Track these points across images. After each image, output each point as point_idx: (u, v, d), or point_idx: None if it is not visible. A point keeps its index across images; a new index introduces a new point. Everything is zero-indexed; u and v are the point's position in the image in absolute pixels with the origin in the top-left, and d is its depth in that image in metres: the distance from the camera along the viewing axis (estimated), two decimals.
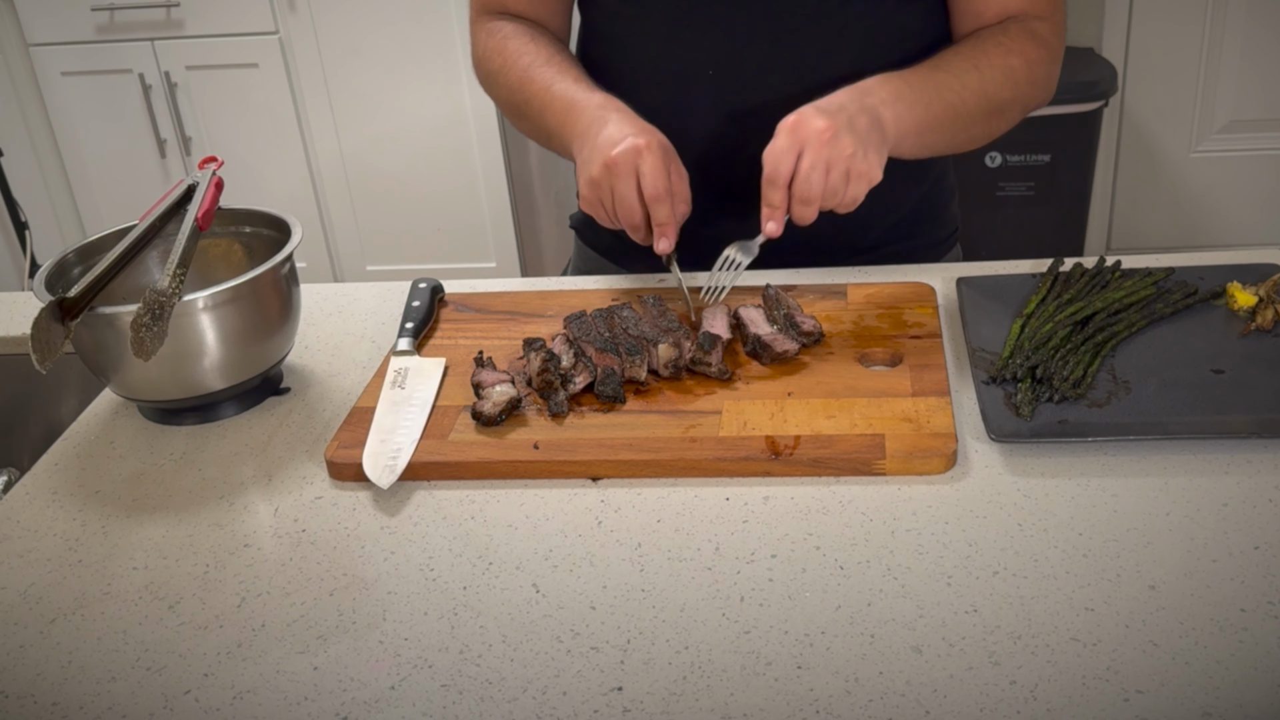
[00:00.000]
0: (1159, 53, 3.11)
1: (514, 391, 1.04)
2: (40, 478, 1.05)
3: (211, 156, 1.18)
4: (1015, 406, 0.99)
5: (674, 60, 1.27)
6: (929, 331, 1.11)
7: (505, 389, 1.04)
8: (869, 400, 1.01)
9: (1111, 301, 1.11)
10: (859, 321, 1.14)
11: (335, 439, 1.03)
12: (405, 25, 3.01)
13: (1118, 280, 1.16)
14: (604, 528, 0.91)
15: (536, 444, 0.99)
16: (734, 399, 1.03)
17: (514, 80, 1.28)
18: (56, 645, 0.84)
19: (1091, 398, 1.00)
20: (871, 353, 1.08)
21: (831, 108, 1.09)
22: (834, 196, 1.09)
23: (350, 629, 0.83)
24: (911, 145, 1.17)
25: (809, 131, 1.07)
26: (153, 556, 0.93)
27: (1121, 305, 1.11)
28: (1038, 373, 1.02)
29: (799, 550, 0.87)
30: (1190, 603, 0.79)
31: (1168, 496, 0.89)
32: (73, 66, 3.18)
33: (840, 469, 0.94)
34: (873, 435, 0.96)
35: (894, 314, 1.14)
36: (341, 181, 3.25)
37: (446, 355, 1.14)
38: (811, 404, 1.01)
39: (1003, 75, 1.21)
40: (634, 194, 1.12)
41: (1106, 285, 1.15)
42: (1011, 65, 1.21)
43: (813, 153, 1.07)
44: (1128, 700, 0.72)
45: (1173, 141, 3.21)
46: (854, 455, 0.94)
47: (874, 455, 0.94)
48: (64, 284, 1.10)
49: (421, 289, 1.24)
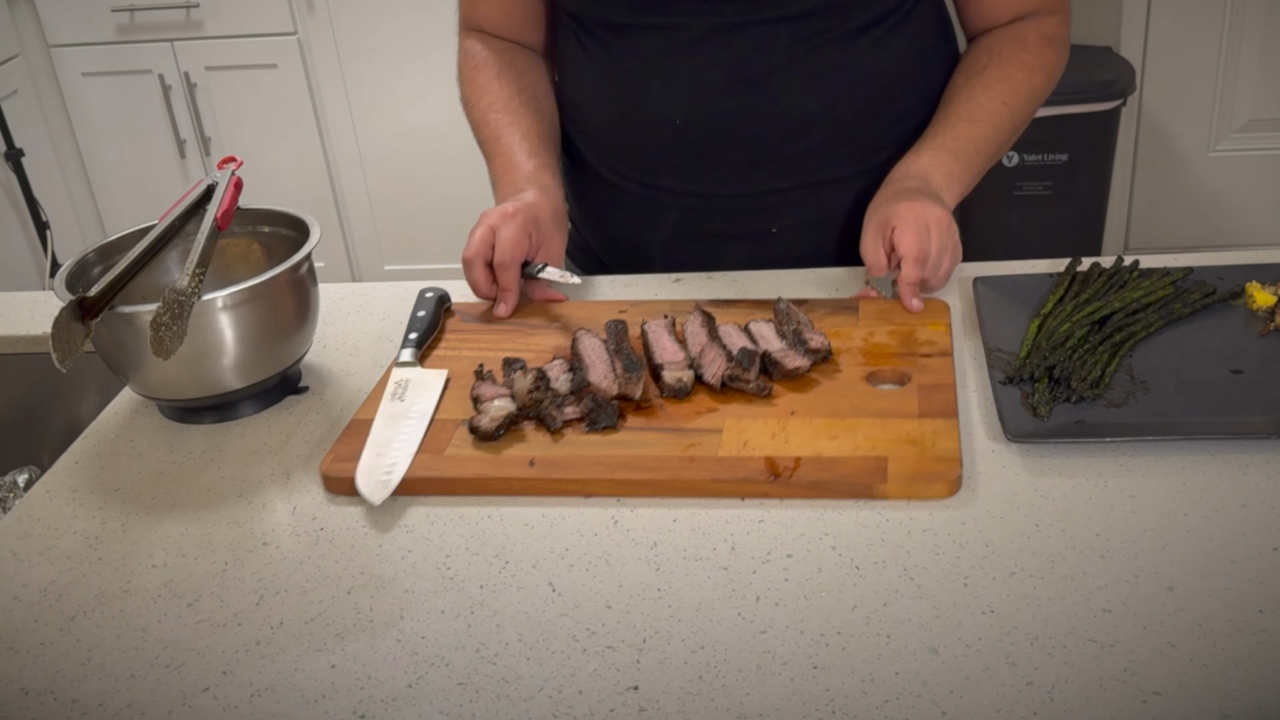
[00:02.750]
0: (1177, 51, 3.09)
1: (512, 406, 1.02)
2: (60, 476, 1.05)
3: (230, 156, 1.19)
4: (1033, 407, 0.98)
5: (642, 108, 1.28)
6: (940, 350, 1.08)
7: (504, 404, 1.02)
8: (874, 421, 0.98)
9: (1130, 301, 1.11)
10: (869, 339, 1.11)
11: (331, 452, 1.01)
12: (422, 25, 3.02)
13: (1135, 280, 1.15)
14: (620, 527, 0.91)
15: (532, 461, 0.97)
16: (735, 417, 1.01)
17: (475, 117, 1.36)
18: (76, 642, 0.85)
19: (1109, 398, 1.00)
20: (880, 371, 1.06)
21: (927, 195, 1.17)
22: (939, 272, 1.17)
23: (368, 627, 0.84)
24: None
25: (933, 218, 1.15)
26: (172, 554, 0.93)
27: (1139, 305, 1.11)
28: (1055, 373, 1.01)
29: (815, 550, 0.87)
30: (1208, 604, 0.79)
31: (1186, 497, 0.89)
32: (93, 67, 3.20)
33: (840, 492, 0.92)
34: (875, 458, 0.94)
35: (905, 331, 1.12)
36: (359, 181, 3.26)
37: (449, 367, 1.13)
38: (815, 424, 0.99)
39: (1028, 102, 1.26)
40: (483, 243, 1.20)
41: (1124, 285, 1.15)
42: (1035, 85, 1.26)
43: (941, 236, 1.15)
44: (1145, 702, 0.72)
45: (1191, 140, 3.19)
46: (854, 479, 0.92)
47: (875, 479, 0.91)
48: (84, 283, 1.11)
49: (428, 298, 1.23)
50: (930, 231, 1.14)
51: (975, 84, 1.26)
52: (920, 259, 1.14)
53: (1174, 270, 1.16)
